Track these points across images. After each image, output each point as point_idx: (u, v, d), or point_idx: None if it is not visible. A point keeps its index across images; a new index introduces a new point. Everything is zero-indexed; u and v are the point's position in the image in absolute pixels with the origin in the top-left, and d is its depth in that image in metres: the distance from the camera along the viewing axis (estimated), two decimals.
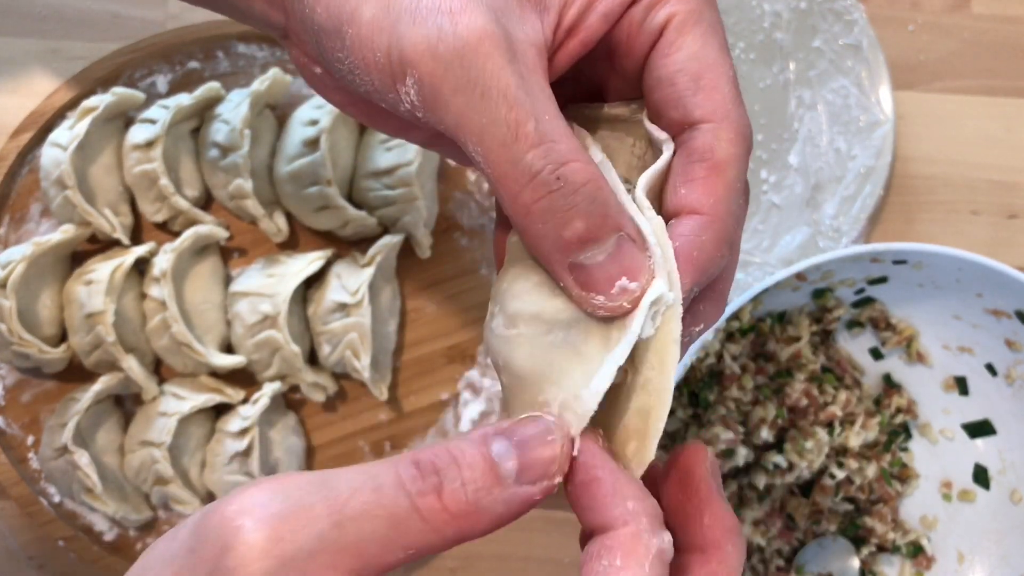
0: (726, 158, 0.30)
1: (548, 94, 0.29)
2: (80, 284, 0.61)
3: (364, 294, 0.61)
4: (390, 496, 0.26)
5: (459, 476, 0.26)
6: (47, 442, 0.60)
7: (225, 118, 0.63)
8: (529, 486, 0.27)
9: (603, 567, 0.27)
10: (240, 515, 0.26)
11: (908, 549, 0.65)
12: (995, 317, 0.60)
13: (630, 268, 0.28)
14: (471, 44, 0.28)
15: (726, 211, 0.30)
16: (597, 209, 0.28)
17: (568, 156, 0.28)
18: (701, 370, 0.63)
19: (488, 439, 0.27)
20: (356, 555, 0.26)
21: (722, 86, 0.31)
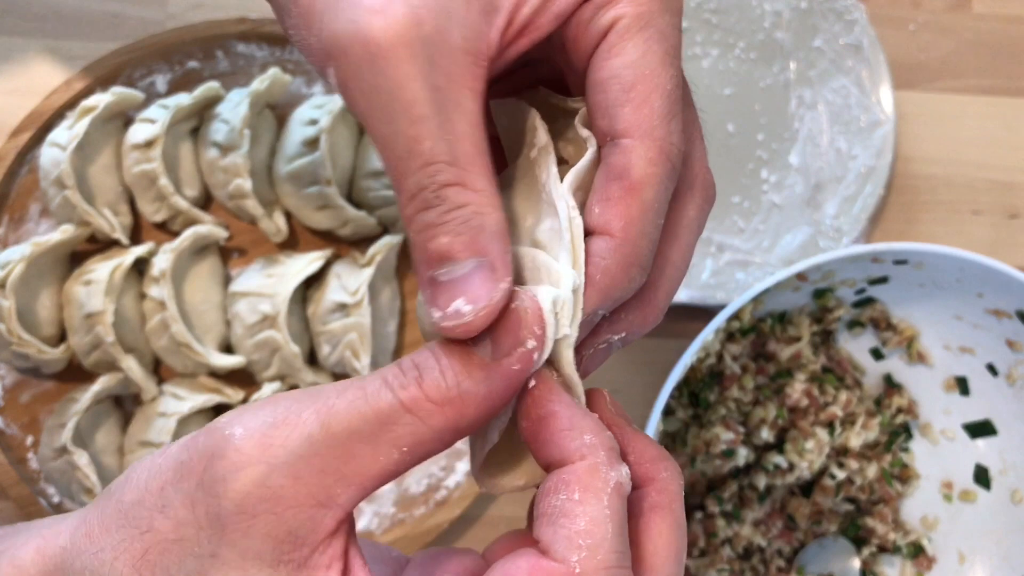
0: (642, 178, 0.29)
1: (465, 108, 0.28)
2: (79, 284, 0.61)
3: (364, 294, 0.61)
4: (374, 394, 0.27)
5: (436, 366, 0.27)
6: (46, 442, 0.60)
7: (225, 118, 0.63)
8: (507, 358, 0.27)
9: (560, 501, 0.27)
10: (230, 425, 0.27)
11: (909, 549, 0.65)
12: (996, 317, 0.60)
13: (472, 292, 0.27)
14: (383, 48, 0.27)
15: (638, 233, 0.29)
16: (467, 231, 0.28)
17: (455, 179, 0.28)
18: (701, 370, 0.62)
19: None
20: (346, 456, 0.26)
21: (653, 100, 0.29)
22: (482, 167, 0.28)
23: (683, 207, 0.32)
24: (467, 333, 0.27)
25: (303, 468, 0.26)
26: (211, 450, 0.26)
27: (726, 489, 0.63)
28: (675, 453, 0.62)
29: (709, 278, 0.66)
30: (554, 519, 0.27)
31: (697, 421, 0.63)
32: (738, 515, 0.63)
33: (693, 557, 0.62)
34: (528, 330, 0.28)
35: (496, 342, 0.27)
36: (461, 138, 0.28)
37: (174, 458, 0.27)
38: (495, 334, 0.27)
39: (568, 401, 0.28)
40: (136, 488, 0.28)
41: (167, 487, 0.27)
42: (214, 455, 0.26)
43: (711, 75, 0.70)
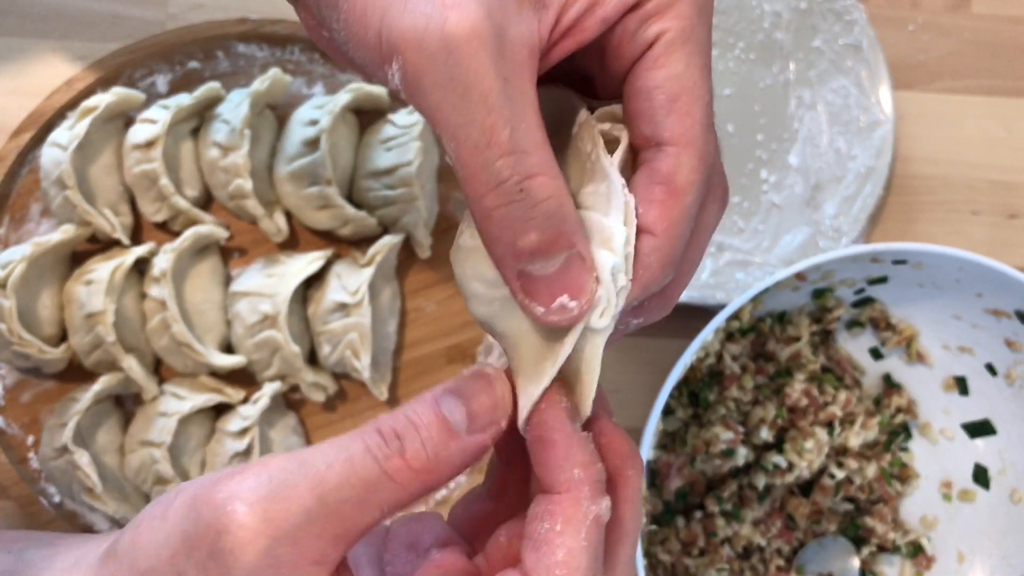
0: (685, 185, 0.31)
1: (530, 99, 0.29)
2: (80, 284, 0.61)
3: (364, 294, 0.61)
4: (360, 464, 0.29)
5: (418, 436, 0.30)
6: (47, 442, 0.60)
7: (225, 118, 0.63)
8: (479, 434, 0.30)
9: (544, 530, 0.30)
10: (231, 500, 0.29)
11: (908, 549, 0.65)
12: (995, 317, 0.60)
13: (573, 287, 0.30)
14: (459, 40, 0.28)
15: (677, 235, 0.31)
16: (553, 224, 0.29)
17: (536, 169, 0.29)
18: (701, 370, 0.63)
19: (438, 398, 0.30)
20: (338, 521, 0.29)
21: (695, 111, 0.31)
22: (552, 155, 0.29)
23: (705, 210, 0.33)
24: (573, 323, 0.30)
25: (302, 536, 0.29)
26: (216, 526, 0.29)
27: (726, 489, 0.63)
28: (675, 453, 0.62)
29: (709, 278, 0.66)
30: (537, 546, 0.30)
31: (697, 421, 0.63)
32: (738, 515, 0.63)
33: (693, 556, 0.62)
34: (503, 412, 0.31)
35: (472, 418, 0.30)
36: (533, 127, 0.29)
37: (179, 528, 0.30)
38: (471, 411, 0.30)
39: (567, 431, 0.31)
40: (147, 556, 0.31)
41: (178, 556, 0.30)
42: (220, 531, 0.29)
43: None
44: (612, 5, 0.31)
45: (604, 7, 0.31)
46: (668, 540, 0.62)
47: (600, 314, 0.30)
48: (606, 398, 0.34)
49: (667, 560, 0.62)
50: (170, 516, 0.30)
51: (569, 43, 0.31)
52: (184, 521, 0.30)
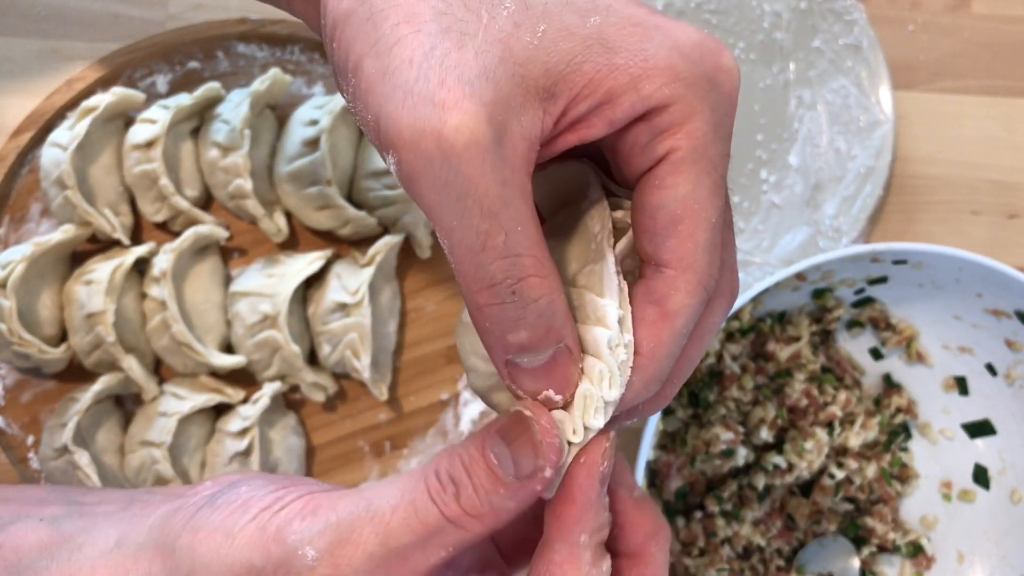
0: (678, 309, 0.31)
1: (527, 198, 0.29)
2: (80, 284, 0.61)
3: (364, 294, 0.61)
4: (422, 509, 0.31)
5: (470, 483, 0.31)
6: (47, 442, 0.60)
7: (225, 118, 0.63)
8: (527, 480, 0.31)
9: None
10: (302, 544, 0.31)
11: (908, 549, 0.65)
12: (995, 317, 0.60)
13: (559, 381, 0.30)
14: (456, 147, 0.27)
15: (664, 355, 0.31)
16: (543, 322, 0.29)
17: (529, 271, 0.29)
18: (701, 370, 0.63)
19: (487, 444, 0.31)
20: (402, 563, 0.31)
21: (697, 234, 0.30)
22: (545, 249, 0.29)
23: (710, 314, 0.33)
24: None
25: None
26: (285, 566, 0.31)
27: (726, 489, 0.63)
28: (675, 453, 0.62)
29: None
30: None
31: (697, 421, 0.63)
32: (738, 515, 0.63)
33: (693, 556, 0.62)
34: (545, 460, 0.30)
35: (517, 465, 0.31)
36: (528, 227, 0.29)
37: (246, 556, 0.31)
38: (516, 459, 0.31)
39: (589, 497, 0.31)
40: (209, 573, 0.32)
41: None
42: (288, 572, 0.31)
43: None
44: (622, 109, 0.30)
45: (614, 109, 0.30)
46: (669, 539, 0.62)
47: (608, 384, 0.31)
48: (628, 469, 0.35)
49: None
50: (238, 540, 0.32)
51: (573, 137, 0.31)
52: (252, 551, 0.31)
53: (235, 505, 0.33)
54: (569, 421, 0.31)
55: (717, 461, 0.62)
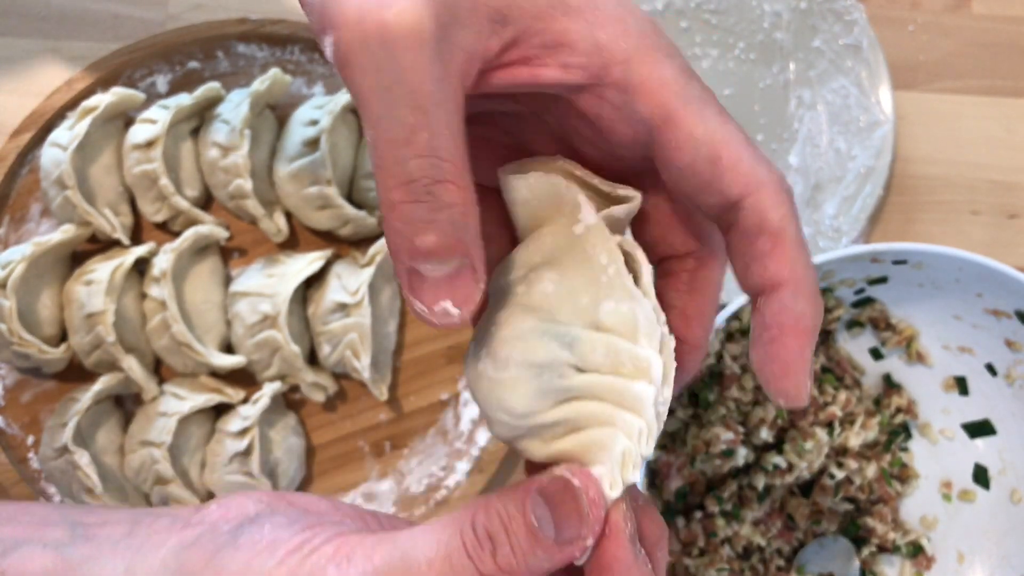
0: (779, 224, 0.30)
1: (458, 109, 0.28)
2: (80, 284, 0.61)
3: (364, 294, 0.61)
4: (458, 564, 0.30)
5: (507, 541, 0.30)
6: (47, 442, 0.60)
7: (225, 118, 0.63)
8: (567, 545, 0.30)
9: None
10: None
11: (908, 549, 0.65)
12: (995, 317, 0.60)
13: (460, 295, 0.29)
14: (397, 31, 0.27)
15: (804, 270, 0.30)
16: (453, 231, 0.29)
17: (448, 176, 0.28)
18: (701, 370, 0.63)
19: (529, 501, 0.30)
20: None
21: (741, 154, 0.30)
22: (468, 167, 0.29)
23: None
24: (452, 327, 0.30)
25: None
26: None
27: (726, 489, 0.63)
28: (675, 453, 0.62)
29: None
30: None
31: (697, 421, 0.63)
32: (738, 515, 0.63)
33: (693, 556, 0.62)
34: (590, 530, 0.30)
35: (559, 528, 0.30)
36: (456, 134, 0.28)
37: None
38: (559, 523, 0.30)
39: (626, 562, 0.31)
40: None
41: None
42: None
43: (711, 76, 0.70)
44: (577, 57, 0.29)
45: (571, 54, 0.29)
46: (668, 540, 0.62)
47: (646, 440, 0.30)
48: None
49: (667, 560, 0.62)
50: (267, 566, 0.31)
51: (524, 73, 0.30)
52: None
53: (260, 546, 0.32)
54: (607, 475, 0.30)
55: (717, 461, 0.62)
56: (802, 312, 0.30)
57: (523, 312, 0.30)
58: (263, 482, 0.60)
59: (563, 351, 0.30)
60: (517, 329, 0.30)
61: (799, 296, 0.30)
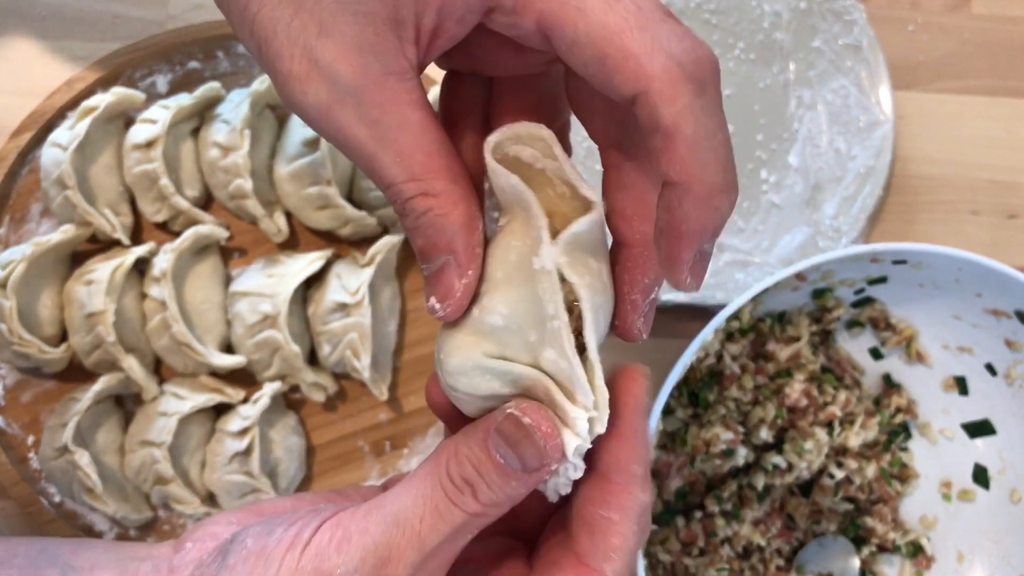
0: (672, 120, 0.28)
1: (406, 126, 0.31)
2: (80, 284, 0.61)
3: (364, 294, 0.61)
4: (447, 512, 0.32)
5: (483, 482, 0.32)
6: (47, 442, 0.60)
7: (225, 118, 0.63)
8: (534, 472, 0.32)
9: (600, 517, 0.33)
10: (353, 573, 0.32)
11: (908, 549, 0.65)
12: (995, 317, 0.60)
13: (439, 291, 0.32)
14: (321, 113, 0.31)
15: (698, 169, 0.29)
16: (430, 235, 0.32)
17: (415, 191, 0.31)
18: (701, 370, 0.63)
19: (490, 445, 0.32)
20: (440, 559, 0.33)
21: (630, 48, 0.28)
22: (439, 169, 0.31)
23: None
24: (446, 320, 0.33)
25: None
26: None
27: (726, 488, 0.63)
28: (675, 453, 0.62)
29: (709, 278, 0.66)
30: (592, 532, 0.33)
31: (697, 421, 0.63)
32: (738, 514, 0.63)
33: (693, 556, 0.62)
34: (549, 458, 0.32)
35: (523, 460, 0.32)
36: (411, 154, 0.31)
37: None
38: (522, 458, 0.32)
39: (638, 430, 0.34)
40: None
41: None
42: None
43: None
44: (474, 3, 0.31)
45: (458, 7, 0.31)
46: (668, 540, 0.62)
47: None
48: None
49: (667, 560, 0.62)
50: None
51: (440, 42, 0.32)
52: None
53: (251, 559, 0.33)
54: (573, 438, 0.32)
55: (717, 461, 0.62)
56: (685, 214, 0.29)
57: (473, 337, 0.32)
58: (263, 481, 0.60)
59: (505, 387, 0.33)
60: (465, 359, 0.32)
61: (685, 198, 0.29)
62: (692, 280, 0.31)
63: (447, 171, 0.31)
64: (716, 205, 0.29)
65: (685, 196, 0.29)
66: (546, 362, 0.32)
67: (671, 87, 0.28)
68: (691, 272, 0.31)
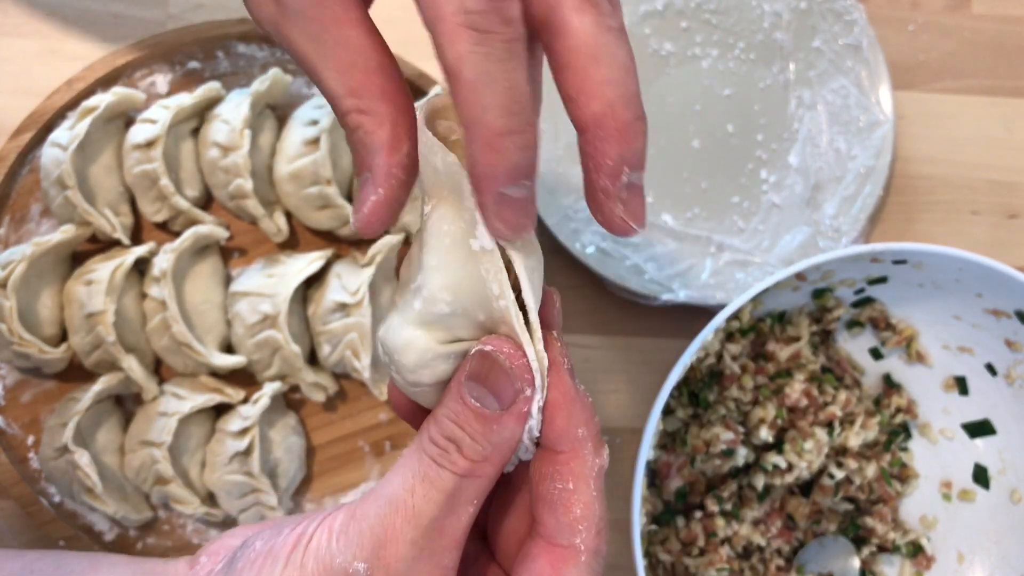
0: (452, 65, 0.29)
1: (346, 43, 0.31)
2: (80, 284, 0.61)
3: (364, 294, 0.61)
4: (437, 478, 0.32)
5: (466, 435, 0.32)
6: (47, 442, 0.60)
7: (225, 118, 0.63)
8: (513, 406, 0.32)
9: (557, 490, 0.32)
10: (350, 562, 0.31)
11: (908, 549, 0.65)
12: (995, 317, 0.60)
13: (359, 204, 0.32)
14: (274, 27, 0.32)
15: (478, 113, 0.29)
16: (359, 150, 0.32)
17: (352, 107, 0.32)
18: (701, 370, 0.63)
19: (463, 393, 0.32)
20: (441, 535, 0.32)
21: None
22: (373, 88, 0.32)
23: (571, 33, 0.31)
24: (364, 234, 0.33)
25: (419, 565, 0.31)
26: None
27: (726, 488, 0.63)
28: (675, 453, 0.62)
29: (709, 278, 0.66)
30: (553, 507, 0.32)
31: (697, 421, 0.63)
32: (737, 514, 0.63)
33: (693, 556, 0.62)
34: (520, 381, 0.32)
35: (499, 397, 0.31)
36: (347, 71, 0.32)
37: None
38: (496, 392, 0.32)
39: (571, 393, 0.33)
40: None
41: None
42: None
43: (711, 75, 0.70)
44: None
45: None
46: (668, 540, 0.62)
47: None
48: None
49: (667, 560, 0.62)
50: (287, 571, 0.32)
51: None
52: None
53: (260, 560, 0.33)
54: None
55: (717, 461, 0.62)
56: (473, 158, 0.30)
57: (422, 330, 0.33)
58: (263, 481, 0.60)
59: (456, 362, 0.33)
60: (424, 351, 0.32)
61: (471, 143, 0.30)
62: (628, 216, 0.31)
63: (381, 91, 0.32)
64: (501, 148, 0.29)
65: (471, 141, 0.29)
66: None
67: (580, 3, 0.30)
68: (625, 209, 0.31)
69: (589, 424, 0.33)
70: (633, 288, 0.65)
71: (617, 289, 0.66)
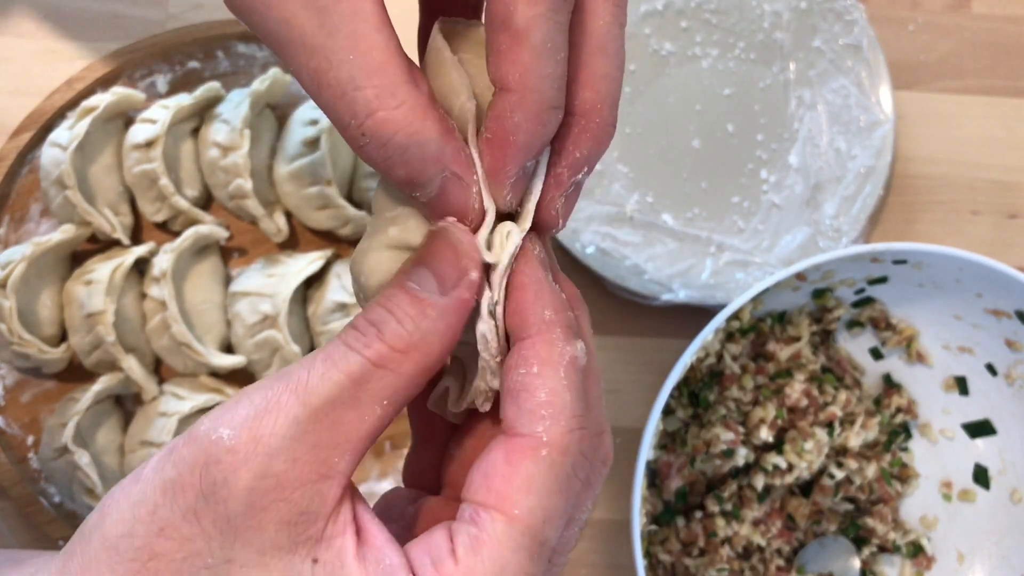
0: (525, 23, 0.26)
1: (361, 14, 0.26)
2: (80, 284, 0.61)
3: None
4: (341, 359, 0.27)
5: (392, 317, 0.27)
6: (47, 442, 0.60)
7: (225, 118, 0.63)
8: (454, 291, 0.28)
9: (521, 376, 0.28)
10: (214, 429, 0.26)
11: (908, 549, 0.65)
12: (995, 317, 0.60)
13: (455, 210, 0.28)
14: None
15: (537, 79, 0.27)
16: (413, 155, 0.27)
17: (372, 106, 0.26)
18: (701, 370, 0.63)
19: (404, 278, 0.28)
20: (333, 426, 0.27)
21: None
22: (396, 71, 0.27)
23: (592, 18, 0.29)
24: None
25: (298, 449, 0.26)
26: (202, 458, 0.26)
27: (726, 489, 0.63)
28: (675, 453, 0.62)
29: (709, 278, 0.66)
30: (516, 395, 0.28)
31: (697, 421, 0.63)
32: (738, 515, 0.63)
33: (693, 556, 0.62)
34: (468, 259, 0.28)
35: (440, 279, 0.28)
36: (367, 51, 0.26)
37: (159, 479, 0.27)
38: (437, 272, 0.28)
39: (539, 278, 0.29)
40: (120, 521, 0.27)
41: (159, 509, 0.26)
42: (207, 462, 0.26)
43: (711, 75, 0.70)
44: None
45: None
46: (668, 540, 0.62)
47: None
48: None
49: (667, 560, 0.62)
50: (144, 475, 0.27)
51: None
52: (162, 471, 0.27)
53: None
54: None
55: (717, 461, 0.62)
56: (516, 125, 0.27)
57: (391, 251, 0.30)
58: None
59: None
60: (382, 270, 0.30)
61: (518, 109, 0.27)
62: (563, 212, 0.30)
63: (407, 72, 0.27)
64: (545, 121, 0.28)
65: (518, 107, 0.27)
66: None
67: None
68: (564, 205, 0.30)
69: (558, 310, 0.29)
70: (633, 288, 0.65)
71: (617, 289, 0.66)
